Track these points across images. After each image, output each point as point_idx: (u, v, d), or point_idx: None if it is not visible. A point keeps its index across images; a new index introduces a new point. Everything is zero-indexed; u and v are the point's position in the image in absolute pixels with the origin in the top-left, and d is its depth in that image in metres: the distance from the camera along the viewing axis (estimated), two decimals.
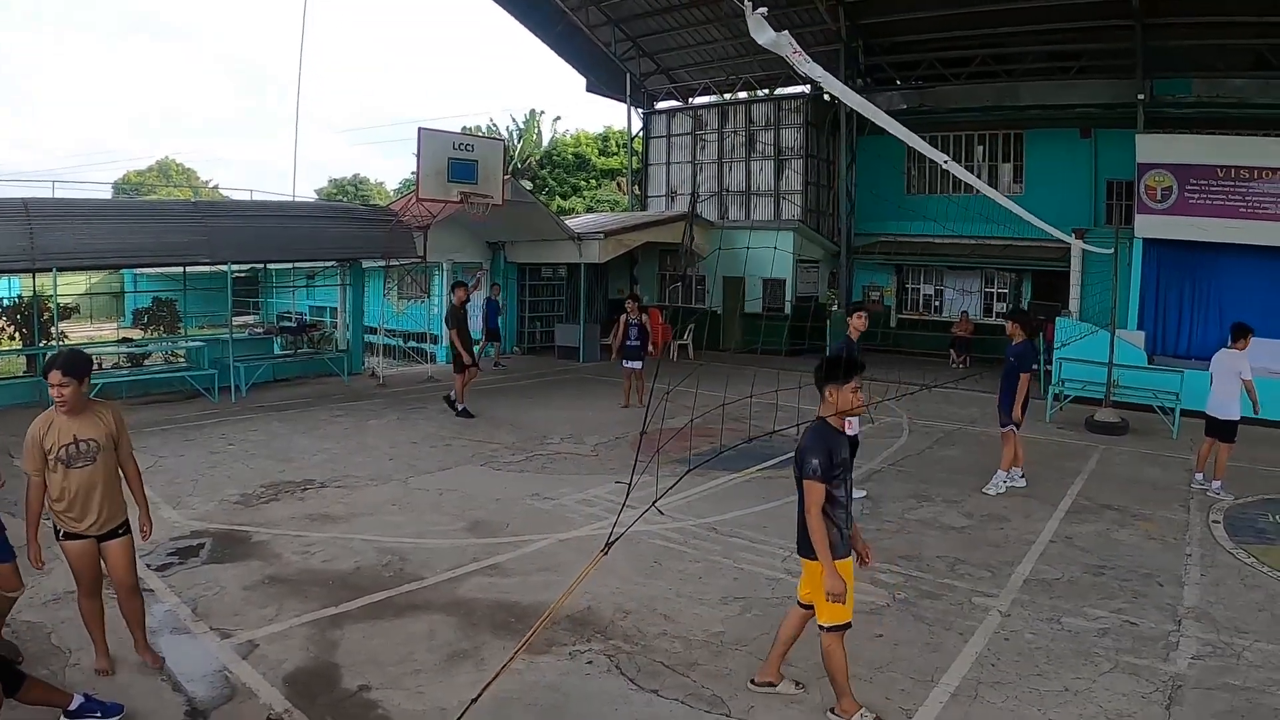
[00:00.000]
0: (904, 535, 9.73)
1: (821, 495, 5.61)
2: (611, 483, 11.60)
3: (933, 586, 8.18)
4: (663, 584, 8.10)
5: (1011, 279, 28.15)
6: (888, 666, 6.59)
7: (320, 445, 13.52)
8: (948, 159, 7.74)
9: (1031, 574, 8.59)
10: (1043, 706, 6.07)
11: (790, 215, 29.49)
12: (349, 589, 7.89)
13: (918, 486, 11.68)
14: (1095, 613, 7.70)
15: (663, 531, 9.26)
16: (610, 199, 49.04)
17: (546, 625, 7.16)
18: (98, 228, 17.00)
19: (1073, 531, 9.94)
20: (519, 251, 25.97)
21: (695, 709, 5.95)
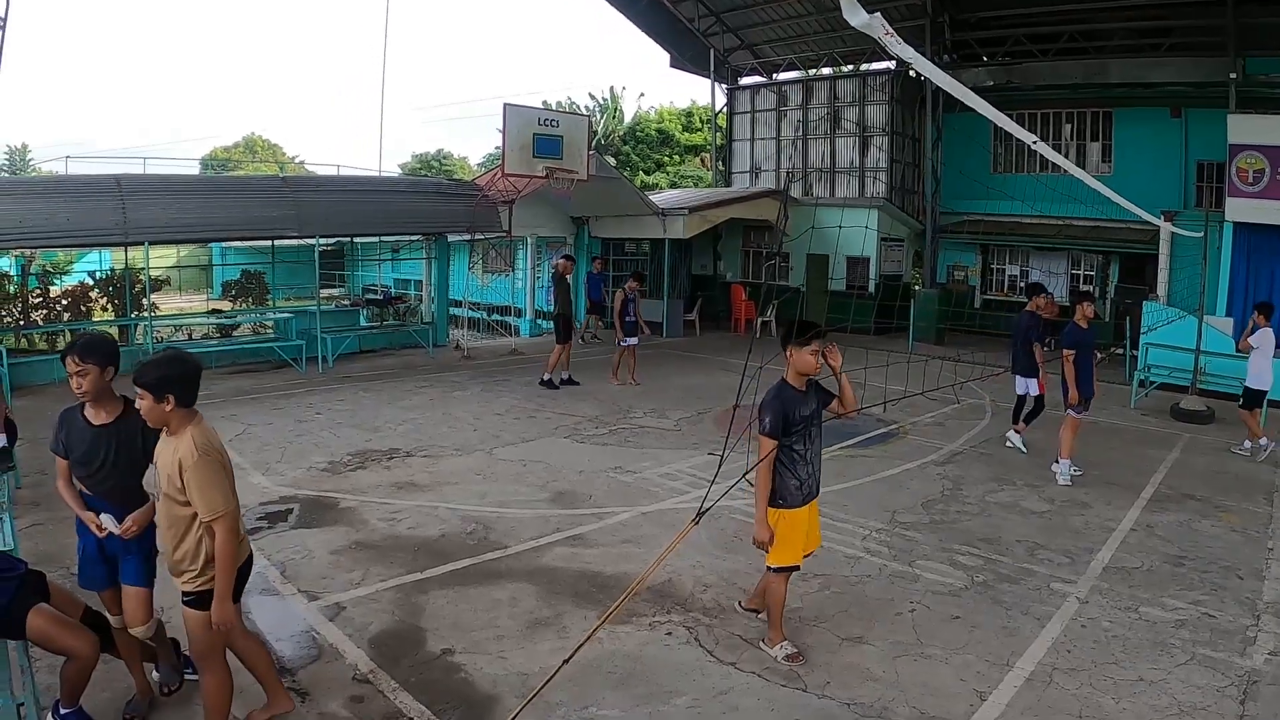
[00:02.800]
0: (984, 518, 9.69)
1: (771, 449, 6.13)
2: (693, 457, 11.70)
3: (1011, 571, 8.16)
4: (742, 559, 8.17)
5: (1098, 261, 27.63)
6: (964, 648, 6.60)
7: (405, 415, 13.78)
8: (1036, 139, 7.69)
9: (1111, 562, 8.52)
10: (1117, 695, 6.05)
11: (875, 193, 29.25)
12: (434, 555, 8.10)
13: (999, 470, 11.58)
14: (1173, 603, 7.63)
15: (744, 507, 9.29)
16: (694, 175, 48.89)
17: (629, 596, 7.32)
18: (188, 203, 17.50)
19: (1154, 520, 9.83)
20: (603, 227, 26.10)
21: (772, 682, 6.03)
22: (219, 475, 4.61)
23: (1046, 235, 26.83)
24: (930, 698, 5.88)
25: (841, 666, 6.26)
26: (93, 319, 18.78)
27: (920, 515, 9.58)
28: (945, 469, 11.55)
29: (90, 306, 18.78)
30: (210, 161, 57.75)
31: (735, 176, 33.35)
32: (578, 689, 5.51)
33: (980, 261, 29.40)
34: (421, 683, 5.88)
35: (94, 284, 19.07)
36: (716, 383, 17.57)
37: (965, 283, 29.21)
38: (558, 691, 5.39)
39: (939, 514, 9.72)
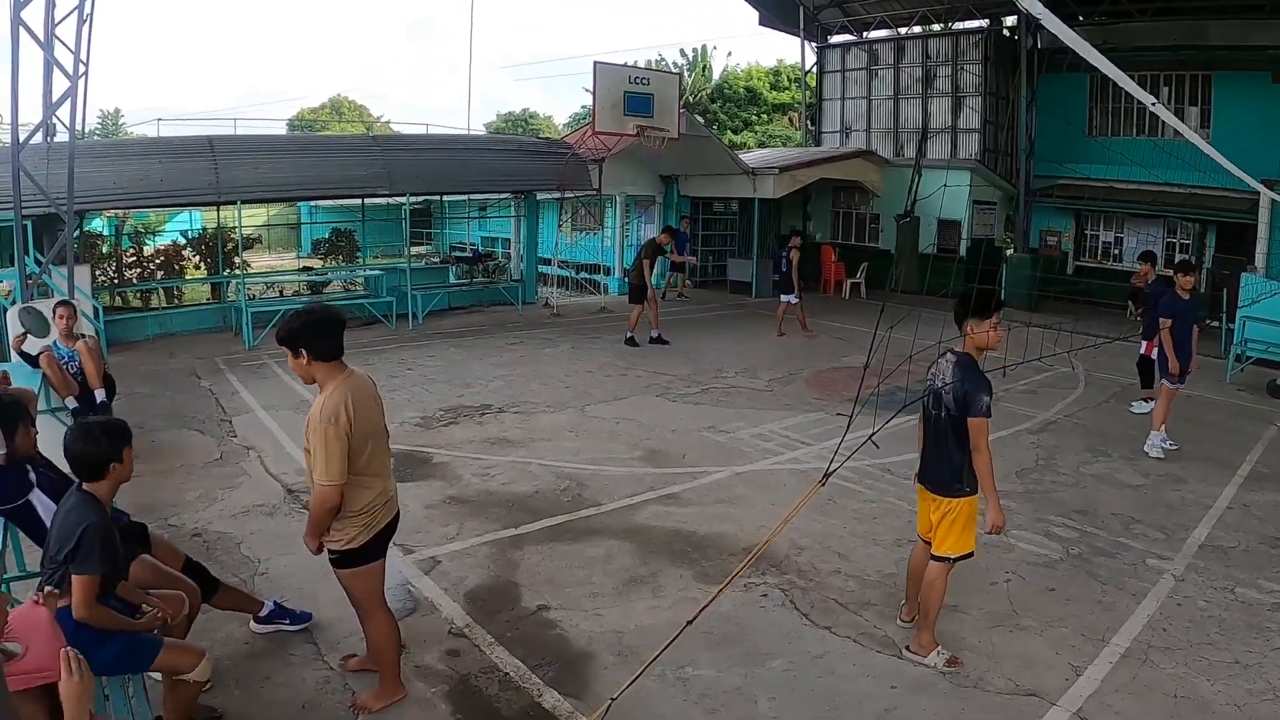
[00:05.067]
0: (1079, 489, 9.58)
1: (988, 431, 5.70)
2: (786, 419, 11.75)
3: (1106, 544, 8.07)
4: (837, 522, 8.20)
5: (1195, 230, 26.94)
6: (1059, 621, 6.57)
7: (496, 372, 13.94)
8: (1155, 101, 7.52)
9: (1207, 540, 8.38)
10: (1212, 676, 5.98)
11: (967, 154, 28.76)
12: (528, 512, 8.22)
13: (1093, 441, 11.41)
14: (1270, 585, 7.49)
15: (844, 470, 9.33)
16: (782, 134, 48.49)
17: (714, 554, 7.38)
18: (279, 162, 17.81)
19: (1251, 500, 9.64)
20: (692, 185, 25.97)
21: (867, 648, 6.08)
22: (332, 445, 4.57)
23: (1142, 201, 26.19)
24: (1025, 670, 5.88)
25: (938, 634, 6.25)
26: (185, 277, 19.27)
27: (1014, 484, 9.49)
28: (1039, 438, 11.42)
29: (183, 265, 19.25)
30: (298, 123, 58.30)
31: (825, 136, 32.95)
32: (674, 648, 5.59)
33: (1074, 227, 28.85)
34: (517, 638, 6.00)
35: (186, 243, 19.50)
36: (806, 344, 17.51)
37: (1058, 248, 28.66)
38: (654, 650, 5.47)
39: (1033, 484, 9.64)
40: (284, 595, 6.23)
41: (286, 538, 7.43)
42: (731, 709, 5.34)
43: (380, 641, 5.14)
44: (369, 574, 5.01)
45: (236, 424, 10.95)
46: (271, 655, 5.68)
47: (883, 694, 5.57)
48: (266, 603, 5.95)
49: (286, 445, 10.06)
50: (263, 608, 5.91)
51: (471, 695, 5.35)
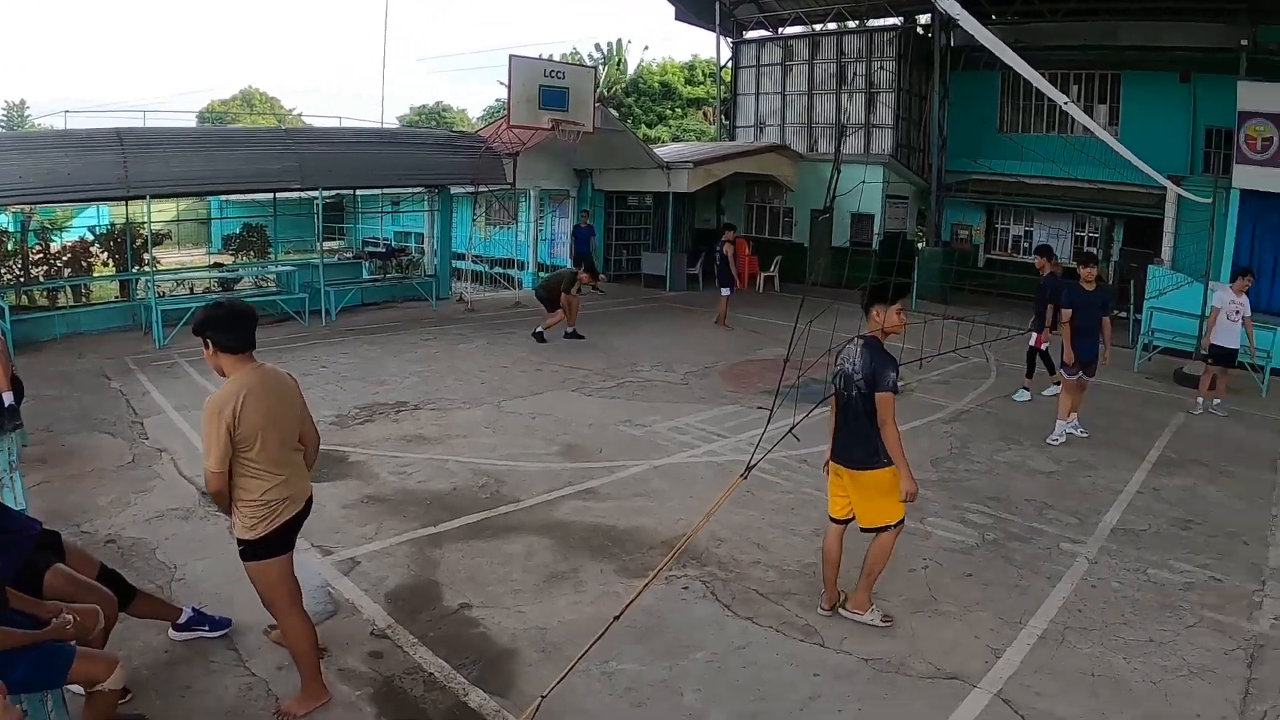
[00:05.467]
0: (992, 477, 9.75)
1: (894, 406, 6.07)
2: (702, 411, 11.80)
3: (1021, 530, 8.23)
4: (755, 514, 8.25)
5: (1103, 224, 27.59)
6: (977, 605, 6.69)
7: (411, 368, 13.79)
8: (1067, 100, 7.65)
9: (1118, 523, 8.58)
10: (1127, 655, 6.14)
11: (881, 150, 29.11)
12: (446, 509, 8.14)
13: (1005, 429, 11.63)
14: (1181, 566, 7.70)
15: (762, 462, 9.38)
16: (696, 128, 48.61)
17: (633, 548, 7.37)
18: (190, 155, 17.29)
19: (1160, 484, 9.88)
20: (606, 179, 25.97)
21: (790, 637, 6.12)
22: (211, 435, 4.68)
23: (1051, 196, 26.74)
24: (946, 654, 5.98)
25: (858, 622, 6.32)
26: (93, 274, 18.78)
27: (930, 473, 9.62)
28: (952, 427, 11.60)
29: (91, 262, 18.71)
30: (208, 115, 57.26)
31: (739, 131, 33.12)
32: (599, 643, 5.58)
33: (985, 221, 29.34)
34: (440, 637, 5.93)
35: (94, 239, 18.97)
36: (721, 337, 17.61)
37: (969, 242, 29.14)
38: (578, 646, 5.45)
39: (947, 472, 9.78)
40: (202, 601, 6.09)
41: (202, 542, 7.27)
42: (658, 701, 5.33)
43: (293, 642, 5.04)
44: (273, 569, 4.95)
45: (148, 425, 10.66)
46: (191, 663, 5.53)
47: (806, 682, 5.62)
48: (184, 609, 5.79)
49: (200, 446, 9.77)
50: (181, 614, 5.75)
51: (396, 697, 5.27)
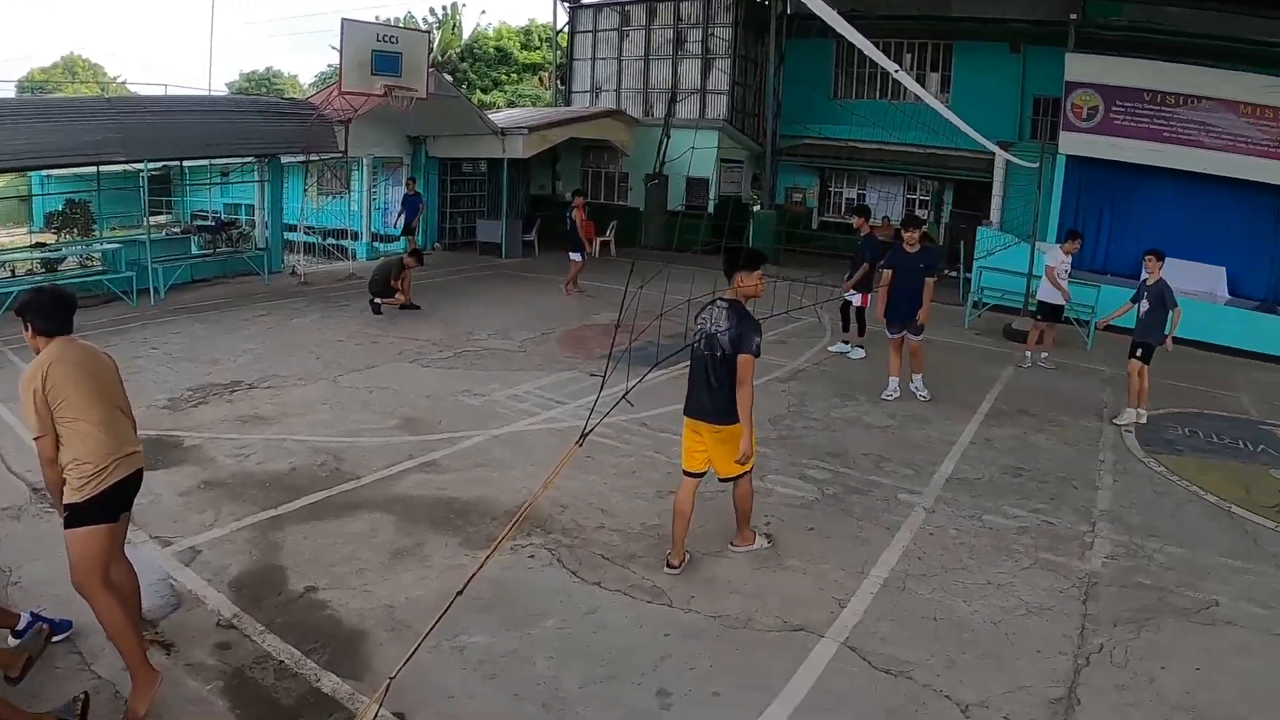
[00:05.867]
0: (830, 433, 10.01)
1: (754, 369, 6.40)
2: (540, 378, 11.83)
3: (859, 483, 8.48)
4: (597, 478, 8.31)
5: (934, 187, 28.48)
6: (820, 559, 6.89)
7: (244, 346, 13.37)
8: (898, 68, 7.84)
9: (953, 473, 8.92)
10: (967, 598, 6.41)
11: (715, 114, 29.39)
12: (286, 490, 7.94)
13: (841, 386, 11.95)
14: (1014, 512, 8.05)
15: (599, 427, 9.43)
16: (532, 94, 48.28)
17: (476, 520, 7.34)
18: (10, 128, 16.32)
19: (991, 434, 10.29)
20: (441, 146, 25.54)
21: (638, 600, 6.21)
22: (28, 404, 4.86)
23: (883, 160, 27.45)
24: (792, 607, 6.17)
25: (705, 580, 6.46)
26: None
27: (769, 431, 9.82)
28: (789, 386, 11.86)
29: None
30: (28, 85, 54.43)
31: (575, 96, 33.02)
32: (446, 618, 5.55)
33: (818, 184, 29.92)
34: (287, 623, 5.81)
35: None
36: (557, 303, 17.59)
37: (803, 204, 29.70)
38: (427, 622, 5.42)
39: (786, 429, 10.00)
40: (41, 604, 5.77)
41: (36, 540, 6.87)
42: (510, 672, 5.35)
43: (108, 625, 4.87)
44: (94, 540, 4.87)
45: None
46: (35, 669, 5.26)
47: (656, 643, 5.72)
48: (23, 614, 5.49)
49: (28, 439, 9.34)
50: (19, 620, 5.45)
51: (248, 687, 5.14)
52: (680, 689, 5.30)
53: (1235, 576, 7.72)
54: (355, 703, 4.97)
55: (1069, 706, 5.59)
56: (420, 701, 5.02)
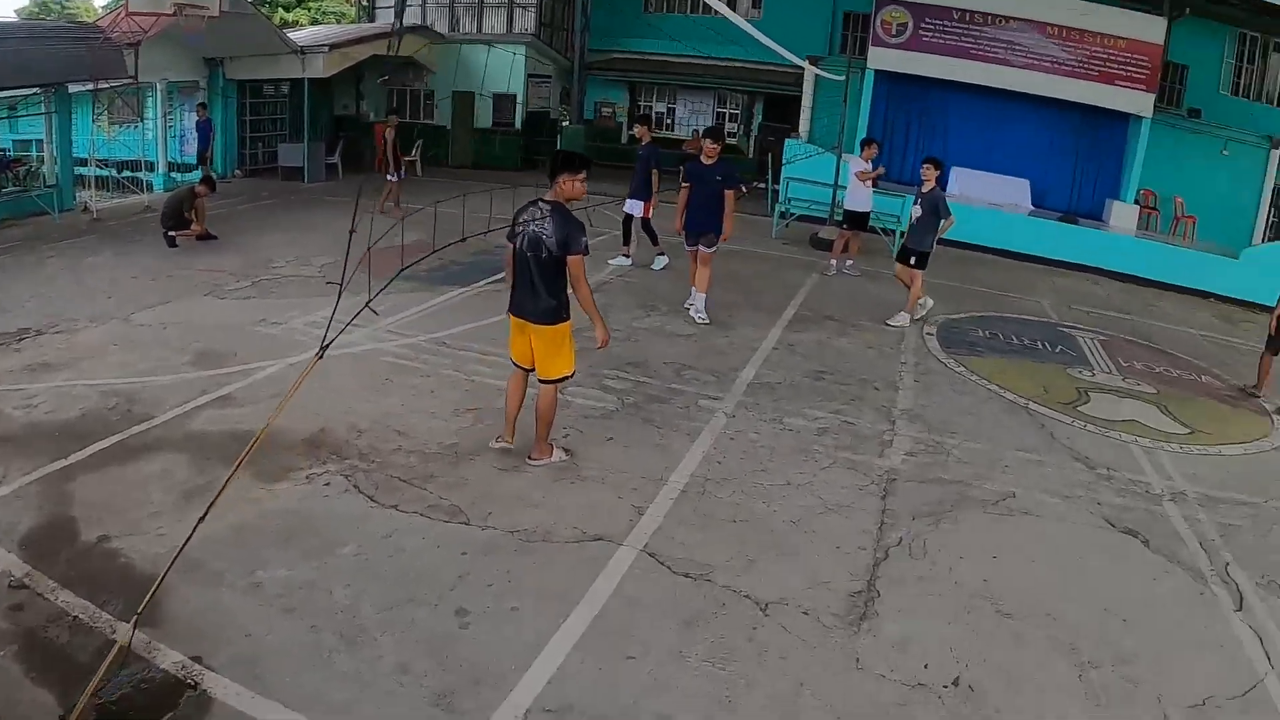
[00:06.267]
0: (632, 343, 10.12)
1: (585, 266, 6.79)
2: (341, 302, 11.41)
3: (660, 391, 8.61)
4: (395, 400, 8.25)
5: (744, 101, 28.71)
6: (619, 468, 7.03)
7: (33, 290, 12.61)
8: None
9: (755, 378, 9.11)
10: (767, 499, 6.61)
11: (523, 29, 28.90)
12: (76, 438, 7.60)
13: (644, 298, 12.07)
14: (815, 414, 8.28)
15: (393, 349, 9.36)
16: (336, 10, 46.78)
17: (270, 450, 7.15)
18: None
19: (795, 340, 10.52)
20: (239, 68, 24.46)
21: (435, 520, 6.24)
22: None
23: (694, 74, 27.54)
24: (591, 517, 6.32)
25: (503, 496, 6.51)
26: None
27: None
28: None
29: None
30: None
31: (379, 12, 32.09)
32: (243, 553, 5.45)
33: (628, 99, 29.84)
34: (81, 576, 5.61)
35: None
36: (361, 226, 17.14)
37: (613, 119, 29.62)
38: (221, 559, 5.33)
39: (588, 341, 10.01)
40: None
41: None
42: (309, 604, 5.31)
43: None
44: None
45: None
46: None
47: (454, 562, 5.77)
48: None
49: None
50: None
51: (43, 648, 4.94)
52: (479, 607, 5.37)
53: (1032, 469, 8.14)
54: (151, 651, 4.85)
55: (869, 599, 5.84)
56: (217, 642, 4.93)
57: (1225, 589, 6.84)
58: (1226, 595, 6.75)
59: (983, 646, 5.64)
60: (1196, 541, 7.53)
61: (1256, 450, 10.03)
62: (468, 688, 4.70)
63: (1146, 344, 14.30)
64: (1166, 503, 8.18)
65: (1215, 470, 9.23)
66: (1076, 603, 6.31)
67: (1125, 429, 9.89)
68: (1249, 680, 5.73)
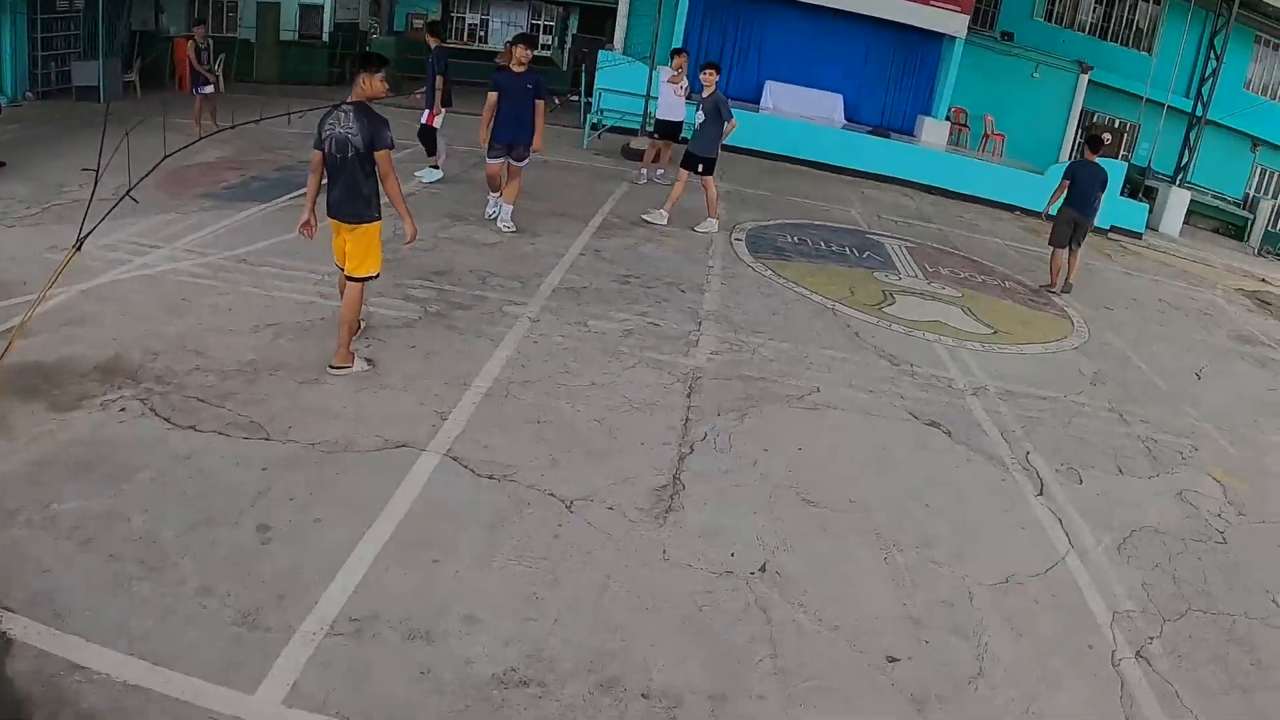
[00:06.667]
0: (436, 253, 9.91)
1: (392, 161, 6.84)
2: (135, 225, 10.73)
3: (464, 299, 8.49)
4: (191, 320, 7.87)
5: (559, 13, 28.35)
6: (421, 376, 6.93)
7: None
8: None
9: (561, 283, 9.06)
10: (572, 399, 6.59)
11: None
12: None
13: (451, 207, 11.79)
14: (621, 316, 8.27)
15: (190, 268, 8.91)
16: None
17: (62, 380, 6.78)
18: None
19: (602, 246, 10.47)
20: None
21: (234, 438, 5.99)
22: None
23: None
24: (392, 425, 6.19)
25: (303, 409, 6.31)
26: None
27: None
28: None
29: None
30: None
31: None
32: (37, 489, 5.14)
33: (440, 9, 29.16)
34: None
35: None
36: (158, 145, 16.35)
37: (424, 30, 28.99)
38: (14, 497, 5.01)
39: (390, 252, 9.68)
40: None
41: None
42: (107, 534, 5.02)
43: None
44: None
45: None
46: None
47: (255, 478, 5.57)
48: None
49: None
50: None
51: None
52: (281, 521, 5.20)
53: (837, 366, 8.29)
54: None
55: (674, 493, 5.87)
56: (13, 582, 4.62)
57: (1026, 476, 7.15)
58: (1028, 481, 7.07)
59: (789, 534, 5.76)
60: (998, 432, 7.83)
61: (1056, 349, 10.46)
62: (272, 604, 4.57)
63: (953, 252, 14.74)
64: (969, 397, 8.46)
65: (1016, 367, 9.61)
66: (881, 491, 6.50)
67: (930, 329, 10.19)
68: (1050, 559, 6.06)
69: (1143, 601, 5.82)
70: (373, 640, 4.40)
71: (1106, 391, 9.45)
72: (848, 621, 5.07)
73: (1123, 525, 6.74)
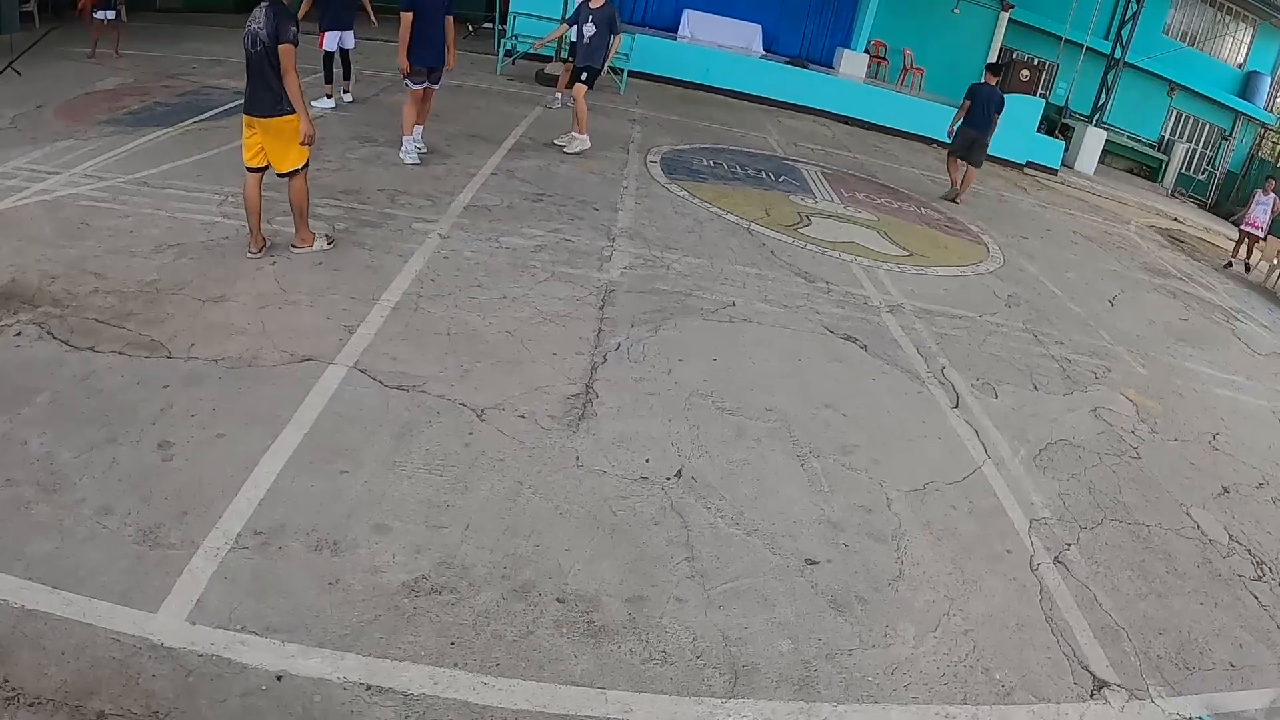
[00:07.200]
0: (345, 173, 9.65)
1: (295, 57, 6.88)
2: (31, 152, 10.33)
3: (373, 217, 8.31)
4: (91, 243, 7.58)
5: None
6: (328, 291, 6.75)
7: None
8: None
9: (472, 201, 8.91)
10: (482, 312, 6.48)
11: None
12: None
13: (360, 129, 11.46)
14: (533, 233, 8.15)
15: (90, 192, 8.58)
16: None
17: None
18: None
19: (515, 166, 10.32)
20: None
21: (134, 357, 5.78)
22: None
23: None
24: (299, 339, 6.02)
25: (206, 327, 6.11)
26: None
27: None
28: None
29: None
30: None
31: None
32: None
33: None
34: None
35: None
36: (59, 74, 15.83)
37: None
38: None
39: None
40: None
41: None
42: (2, 458, 4.80)
43: None
44: None
45: None
46: None
47: (157, 396, 5.38)
48: None
49: None
50: None
51: None
52: (183, 437, 5.03)
53: (751, 281, 8.24)
54: None
55: (587, 401, 5.82)
56: None
57: (942, 389, 7.20)
58: (944, 394, 7.12)
59: (704, 441, 5.73)
60: (914, 348, 7.87)
61: (972, 273, 10.53)
62: (174, 520, 4.42)
63: (869, 179, 14.77)
64: (885, 314, 8.48)
65: (932, 288, 9.66)
66: (797, 400, 6.49)
67: (845, 249, 10.19)
68: (967, 468, 6.13)
69: (1059, 510, 5.91)
70: (279, 553, 4.28)
71: (1021, 314, 9.56)
72: (765, 525, 5.05)
73: (1038, 438, 6.84)
